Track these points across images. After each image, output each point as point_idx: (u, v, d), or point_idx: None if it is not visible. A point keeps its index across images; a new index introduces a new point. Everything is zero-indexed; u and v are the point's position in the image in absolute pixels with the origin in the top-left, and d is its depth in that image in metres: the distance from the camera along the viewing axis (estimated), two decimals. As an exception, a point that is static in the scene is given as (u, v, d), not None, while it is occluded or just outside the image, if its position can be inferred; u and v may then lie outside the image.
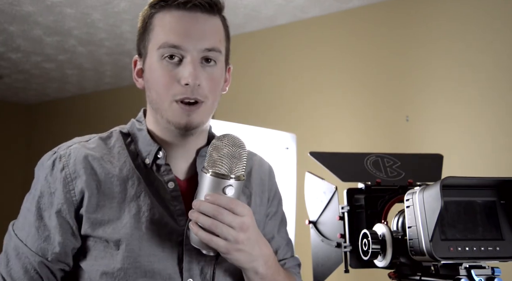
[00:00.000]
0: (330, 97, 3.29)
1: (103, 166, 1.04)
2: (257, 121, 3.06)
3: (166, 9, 1.04)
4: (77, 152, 1.04)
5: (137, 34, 1.10)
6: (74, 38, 3.90)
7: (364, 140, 3.11)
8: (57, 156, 1.05)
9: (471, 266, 0.90)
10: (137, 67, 1.10)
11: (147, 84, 1.07)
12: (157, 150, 1.07)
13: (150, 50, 1.05)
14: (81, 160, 1.03)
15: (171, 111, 1.03)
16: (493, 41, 2.76)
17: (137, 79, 1.11)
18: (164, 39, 1.02)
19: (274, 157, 2.18)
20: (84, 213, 1.01)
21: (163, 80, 1.02)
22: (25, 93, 5.64)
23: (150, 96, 1.06)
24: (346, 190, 1.12)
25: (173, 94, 1.02)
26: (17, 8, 3.33)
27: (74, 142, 1.09)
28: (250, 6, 3.23)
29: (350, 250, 1.08)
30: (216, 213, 0.94)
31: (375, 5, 3.18)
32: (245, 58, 3.67)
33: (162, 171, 1.07)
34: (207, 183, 0.96)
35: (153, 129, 1.10)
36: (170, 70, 1.02)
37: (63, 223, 1.01)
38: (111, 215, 1.01)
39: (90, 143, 1.08)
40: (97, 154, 1.05)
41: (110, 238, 1.00)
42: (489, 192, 0.95)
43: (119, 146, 1.08)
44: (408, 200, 0.95)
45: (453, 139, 2.79)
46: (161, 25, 1.03)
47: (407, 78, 3.03)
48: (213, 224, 0.94)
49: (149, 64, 1.05)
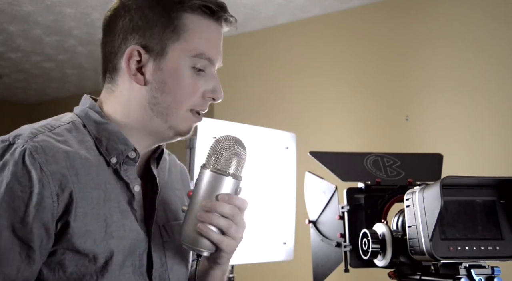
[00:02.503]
0: (330, 96, 3.29)
1: (82, 165, 0.90)
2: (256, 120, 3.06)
3: (200, 14, 0.98)
4: (51, 146, 0.88)
5: (133, 21, 0.96)
6: (74, 38, 3.90)
7: (364, 139, 3.11)
8: (24, 149, 0.86)
9: (471, 265, 0.91)
10: (134, 58, 0.96)
11: (159, 85, 0.97)
12: (132, 150, 0.97)
13: (175, 50, 0.96)
14: (61, 157, 0.88)
15: (183, 118, 0.98)
16: (493, 41, 2.76)
17: (135, 73, 0.97)
18: (203, 50, 0.97)
19: (274, 156, 2.18)
20: (71, 222, 0.87)
21: (189, 89, 0.97)
22: (25, 93, 5.64)
23: (159, 98, 0.97)
24: (346, 190, 1.12)
25: (193, 104, 0.98)
26: (17, 8, 3.33)
27: (34, 132, 0.90)
28: (249, 6, 3.23)
29: (350, 250, 1.08)
30: (234, 214, 0.93)
31: (375, 5, 3.18)
32: (245, 58, 3.67)
33: (129, 173, 0.97)
34: (215, 182, 0.94)
35: (127, 127, 0.99)
36: (197, 80, 0.98)
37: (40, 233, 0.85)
38: (94, 225, 0.89)
39: (58, 135, 0.92)
40: (73, 150, 0.91)
41: (97, 251, 0.89)
42: (489, 191, 0.95)
43: (88, 142, 0.95)
44: (408, 199, 0.95)
45: (453, 138, 2.79)
46: (198, 32, 0.97)
47: (407, 78, 3.03)
48: (230, 225, 0.93)
49: (173, 67, 0.96)
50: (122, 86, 0.99)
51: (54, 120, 0.97)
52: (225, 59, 1.07)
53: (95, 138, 0.96)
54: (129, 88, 0.98)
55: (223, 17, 1.00)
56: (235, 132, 1.02)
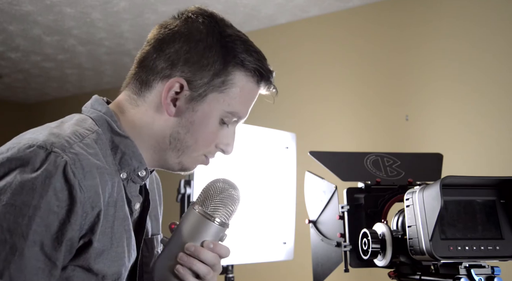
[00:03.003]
0: (330, 96, 3.29)
1: (107, 182, 0.87)
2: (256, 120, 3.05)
3: (251, 76, 0.98)
4: (87, 159, 0.84)
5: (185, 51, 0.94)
6: (73, 38, 3.90)
7: (364, 139, 3.11)
8: (65, 162, 0.81)
9: (471, 265, 0.91)
10: (175, 89, 0.94)
11: (187, 123, 0.96)
12: (144, 169, 0.96)
13: (214, 99, 0.95)
14: (96, 174, 0.84)
15: (194, 159, 1.00)
16: (493, 40, 2.76)
17: (169, 103, 0.95)
18: (239, 109, 0.99)
19: (274, 156, 2.18)
20: (94, 241, 0.84)
21: (211, 138, 0.98)
22: (25, 92, 5.64)
23: (182, 135, 0.96)
24: (346, 190, 1.12)
25: (208, 151, 1.00)
26: (16, 7, 3.32)
27: (69, 141, 0.85)
28: (250, 5, 3.23)
29: (350, 250, 1.08)
30: (216, 263, 0.93)
31: (374, 5, 3.18)
32: (245, 58, 3.67)
33: (133, 191, 0.95)
34: (212, 230, 0.93)
35: (139, 145, 0.96)
36: (219, 131, 0.99)
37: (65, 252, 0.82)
38: (108, 244, 0.87)
39: (89, 147, 0.87)
40: (103, 166, 0.88)
41: (108, 272, 0.87)
42: (489, 191, 0.95)
43: (109, 156, 0.92)
44: (408, 199, 0.95)
45: (453, 138, 2.79)
46: (243, 93, 0.98)
47: (407, 77, 3.03)
48: (209, 273, 0.92)
49: (205, 113, 0.96)
50: (149, 106, 0.97)
51: (78, 125, 0.91)
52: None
53: (111, 151, 0.93)
54: (156, 112, 0.96)
55: (267, 85, 1.02)
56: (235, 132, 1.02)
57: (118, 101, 1.01)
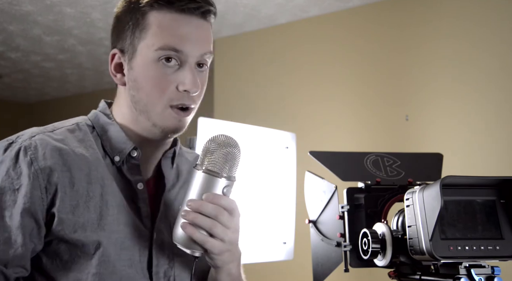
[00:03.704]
0: (330, 96, 3.29)
1: (75, 162, 0.95)
2: (256, 120, 3.06)
3: (166, 10, 0.99)
4: (45, 143, 0.95)
5: (115, 28, 1.05)
6: (73, 38, 3.90)
7: (364, 139, 3.11)
8: (20, 147, 0.94)
9: (471, 265, 0.90)
10: (115, 61, 1.04)
11: (133, 83, 1.01)
12: (132, 148, 1.02)
13: (142, 48, 0.99)
14: (52, 154, 0.94)
15: (163, 115, 0.99)
16: (493, 40, 2.76)
17: (115, 74, 1.04)
18: (165, 41, 0.97)
19: (274, 156, 2.18)
20: (57, 214, 0.92)
21: (159, 83, 0.98)
22: (25, 92, 5.64)
23: (136, 96, 1.01)
24: (346, 190, 1.12)
25: (169, 99, 0.99)
26: (16, 7, 3.32)
27: (35, 132, 0.98)
28: (250, 5, 3.23)
29: (350, 249, 1.08)
30: (217, 214, 0.92)
31: (374, 5, 3.18)
32: (245, 57, 3.67)
33: (132, 171, 1.02)
34: (205, 182, 0.94)
35: (127, 126, 1.04)
36: (167, 74, 0.98)
37: (27, 223, 0.91)
38: (86, 217, 0.94)
39: (57, 135, 0.98)
40: (68, 148, 0.96)
41: (86, 242, 0.93)
42: (489, 191, 0.95)
43: (88, 140, 1.01)
44: (408, 199, 0.95)
45: (453, 138, 2.79)
46: (161, 26, 0.98)
47: (407, 77, 3.03)
48: (213, 225, 0.92)
49: (141, 64, 0.99)
50: (118, 89, 1.07)
51: (61, 122, 1.04)
52: (225, 59, 1.06)
53: (101, 138, 1.03)
54: (120, 89, 1.06)
55: (185, 5, 0.99)
56: (235, 132, 1.02)
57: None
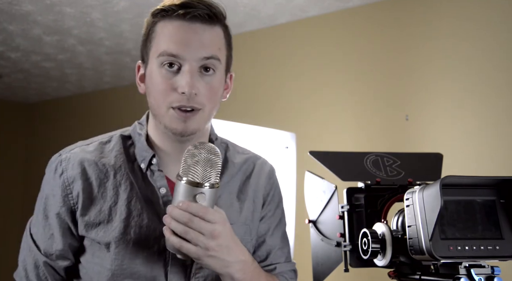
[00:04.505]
0: (330, 96, 3.29)
1: (97, 171, 1.10)
2: (256, 120, 3.06)
3: (168, 19, 1.07)
4: (76, 156, 1.11)
5: (141, 40, 1.13)
6: (73, 37, 3.90)
7: (363, 139, 3.11)
8: (59, 160, 1.12)
9: (470, 265, 0.90)
10: (140, 72, 1.14)
11: (147, 90, 1.11)
12: (152, 156, 1.12)
13: (151, 57, 1.08)
14: (77, 165, 1.10)
15: (168, 117, 1.06)
16: (493, 40, 2.76)
17: (139, 84, 1.15)
18: (163, 47, 1.05)
19: (274, 156, 2.18)
20: (79, 216, 1.08)
21: (161, 87, 1.06)
22: (25, 92, 5.64)
23: (149, 101, 1.10)
24: (346, 189, 1.12)
25: (170, 101, 1.05)
26: (16, 7, 3.33)
27: (76, 145, 1.15)
28: (250, 5, 3.23)
29: (350, 249, 1.08)
30: (186, 220, 0.96)
31: (374, 5, 3.18)
32: (245, 57, 3.67)
33: (155, 177, 1.11)
34: (181, 190, 0.98)
35: (152, 134, 1.15)
36: (168, 78, 1.05)
37: (62, 224, 1.10)
38: (102, 218, 1.08)
39: (90, 147, 1.14)
40: (93, 159, 1.11)
41: (101, 241, 1.07)
42: (488, 191, 0.95)
43: (117, 151, 1.13)
44: (408, 199, 0.95)
45: (453, 138, 2.79)
46: (162, 34, 1.06)
47: (407, 77, 3.03)
48: (184, 230, 0.96)
49: (150, 71, 1.08)
50: None
51: (102, 135, 1.18)
52: (225, 59, 1.07)
53: (135, 147, 1.15)
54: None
55: (187, 15, 1.05)
56: (235, 131, 1.03)
57: None
